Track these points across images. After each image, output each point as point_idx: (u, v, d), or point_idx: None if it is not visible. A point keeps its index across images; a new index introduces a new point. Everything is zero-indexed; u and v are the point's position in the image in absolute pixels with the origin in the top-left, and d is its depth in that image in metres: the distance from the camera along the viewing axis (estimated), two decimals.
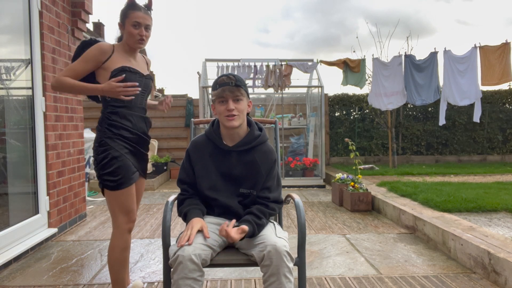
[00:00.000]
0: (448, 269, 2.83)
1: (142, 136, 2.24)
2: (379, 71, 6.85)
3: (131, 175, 2.14)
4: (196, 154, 1.90)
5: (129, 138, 2.17)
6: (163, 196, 6.00)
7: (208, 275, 2.73)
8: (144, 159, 2.30)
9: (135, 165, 2.20)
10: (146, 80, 2.28)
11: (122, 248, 2.19)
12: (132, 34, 2.14)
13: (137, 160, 2.23)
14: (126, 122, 2.16)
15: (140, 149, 2.24)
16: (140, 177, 2.32)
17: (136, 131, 2.20)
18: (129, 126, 2.17)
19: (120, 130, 2.14)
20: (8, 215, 3.21)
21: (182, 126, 8.33)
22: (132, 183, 2.15)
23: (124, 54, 2.21)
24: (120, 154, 2.11)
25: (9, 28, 3.29)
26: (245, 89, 1.84)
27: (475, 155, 8.79)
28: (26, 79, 3.44)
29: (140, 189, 2.37)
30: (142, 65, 2.32)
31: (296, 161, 6.92)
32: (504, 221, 3.66)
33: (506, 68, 5.98)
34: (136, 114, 2.21)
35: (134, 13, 2.13)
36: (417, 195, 4.52)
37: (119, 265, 2.21)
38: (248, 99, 1.87)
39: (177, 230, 3.91)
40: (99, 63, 2.14)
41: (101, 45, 2.16)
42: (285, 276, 1.61)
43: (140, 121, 2.24)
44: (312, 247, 3.37)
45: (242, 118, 1.83)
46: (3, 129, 3.17)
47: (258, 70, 6.80)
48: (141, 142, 2.25)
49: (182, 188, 1.91)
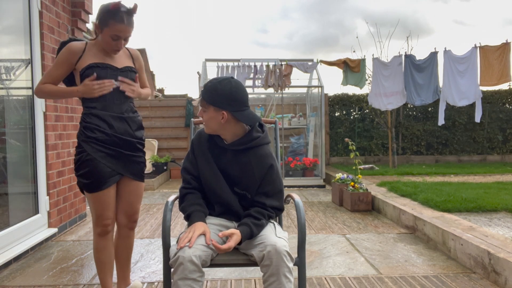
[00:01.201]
0: (448, 269, 2.83)
1: (124, 138, 2.09)
2: (379, 71, 6.85)
3: (104, 180, 2.04)
4: (199, 146, 1.91)
5: (104, 140, 2.04)
6: (163, 196, 6.00)
7: (208, 275, 2.73)
8: (132, 161, 2.15)
9: (115, 168, 2.08)
10: (122, 74, 2.10)
11: (95, 249, 2.18)
12: (109, 44, 2.03)
13: (120, 163, 2.11)
14: (102, 123, 2.04)
15: (123, 151, 2.10)
16: (130, 180, 2.18)
17: (113, 132, 2.06)
18: (105, 128, 2.04)
19: (95, 132, 2.03)
20: (8, 215, 3.21)
21: (182, 126, 8.33)
22: (105, 188, 2.06)
23: (97, 52, 2.08)
24: (92, 158, 2.02)
25: (9, 28, 3.29)
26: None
27: (475, 155, 8.79)
28: (26, 79, 3.44)
29: (134, 192, 2.22)
30: (120, 60, 2.14)
31: (296, 161, 6.92)
32: (504, 221, 3.66)
33: (505, 69, 5.98)
34: (113, 115, 2.06)
35: (116, 25, 1.97)
36: (417, 195, 4.52)
37: (97, 265, 2.21)
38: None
39: (177, 230, 3.91)
40: (71, 65, 2.05)
41: (70, 46, 2.06)
42: (285, 276, 1.61)
43: (119, 122, 2.08)
44: (312, 247, 3.37)
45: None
46: (3, 129, 3.17)
47: (258, 70, 6.80)
48: (124, 144, 2.10)
49: (186, 179, 1.90)
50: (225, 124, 1.79)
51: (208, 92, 1.78)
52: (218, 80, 1.78)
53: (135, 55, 2.26)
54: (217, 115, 1.78)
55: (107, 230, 2.15)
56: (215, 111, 1.77)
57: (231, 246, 1.64)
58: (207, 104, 1.78)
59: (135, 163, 2.17)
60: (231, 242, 1.64)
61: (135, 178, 2.19)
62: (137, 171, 2.19)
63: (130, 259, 2.38)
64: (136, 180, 2.20)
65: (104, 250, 2.18)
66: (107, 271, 2.21)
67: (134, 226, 2.31)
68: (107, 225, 2.13)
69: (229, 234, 1.67)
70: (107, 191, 2.08)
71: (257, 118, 1.85)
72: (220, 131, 1.83)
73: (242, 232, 1.68)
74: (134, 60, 2.24)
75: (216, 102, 1.76)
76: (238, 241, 1.67)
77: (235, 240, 1.65)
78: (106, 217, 2.12)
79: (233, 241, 1.65)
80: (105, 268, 2.20)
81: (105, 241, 2.17)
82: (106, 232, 2.16)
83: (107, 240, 2.18)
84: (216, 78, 1.81)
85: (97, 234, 2.16)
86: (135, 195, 2.23)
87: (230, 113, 1.77)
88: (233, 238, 1.66)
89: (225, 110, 1.76)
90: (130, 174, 2.16)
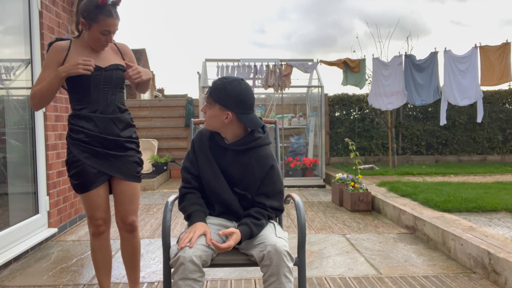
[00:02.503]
0: (448, 269, 2.83)
1: (109, 138, 2.04)
2: (379, 71, 6.85)
3: (91, 181, 2.02)
4: (200, 145, 1.90)
5: (89, 142, 2.01)
6: (163, 196, 6.00)
7: (208, 275, 2.73)
8: (121, 161, 2.09)
9: (101, 169, 2.04)
10: (106, 73, 2.03)
11: (91, 249, 2.19)
12: (99, 40, 1.98)
13: (107, 163, 2.06)
14: (87, 124, 2.01)
15: (109, 151, 2.05)
16: (121, 180, 2.11)
17: (98, 133, 2.02)
18: (90, 129, 2.01)
19: (79, 134, 2.01)
20: (8, 215, 3.21)
21: (182, 126, 8.33)
22: (92, 189, 2.04)
23: (81, 49, 2.03)
24: (78, 159, 2.01)
25: (9, 28, 3.29)
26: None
27: (475, 155, 8.79)
28: (26, 79, 3.44)
29: (125, 192, 2.13)
30: (106, 56, 2.08)
31: (296, 161, 6.92)
32: (504, 221, 3.66)
33: (506, 69, 5.97)
34: (100, 116, 2.02)
35: (106, 20, 1.92)
36: (417, 195, 4.52)
37: (94, 265, 2.22)
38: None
39: (177, 230, 3.91)
40: (59, 64, 1.99)
41: (55, 45, 2.02)
42: (285, 276, 1.61)
43: (107, 122, 2.03)
44: (312, 247, 3.37)
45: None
46: (3, 129, 3.17)
47: (258, 70, 6.80)
48: (110, 144, 2.05)
49: (186, 178, 1.89)
50: (228, 124, 1.80)
51: (217, 90, 1.77)
52: (228, 80, 1.78)
53: (123, 49, 2.18)
54: (221, 114, 1.78)
55: (99, 230, 2.13)
56: (220, 110, 1.77)
57: (230, 245, 1.64)
58: (214, 102, 1.78)
59: (124, 163, 2.10)
60: (231, 241, 1.64)
61: (125, 178, 2.10)
62: (126, 171, 2.10)
63: (136, 262, 2.28)
64: (126, 180, 2.11)
65: (99, 250, 2.17)
66: (103, 271, 2.21)
67: (131, 230, 2.19)
68: (98, 225, 2.12)
69: (229, 233, 1.67)
70: (95, 191, 2.05)
71: (260, 123, 1.85)
72: (221, 129, 1.83)
73: (242, 232, 1.68)
74: (123, 54, 2.16)
75: (223, 101, 1.76)
76: (238, 240, 1.67)
77: (234, 239, 1.65)
78: (97, 217, 2.10)
79: (232, 240, 1.65)
80: (101, 269, 2.20)
81: (99, 242, 2.16)
82: (99, 233, 2.14)
83: (101, 241, 2.16)
84: (226, 77, 1.80)
85: (91, 234, 2.16)
86: (126, 196, 2.13)
87: (235, 115, 1.77)
88: (233, 237, 1.65)
89: (230, 110, 1.76)
90: (120, 174, 2.09)
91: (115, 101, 2.09)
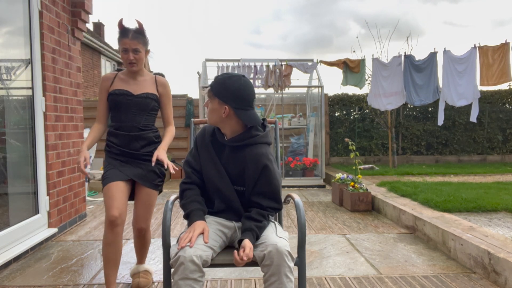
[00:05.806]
0: (448, 269, 2.83)
1: (132, 152, 2.39)
2: (379, 71, 6.85)
3: (113, 176, 2.33)
4: (202, 141, 1.93)
5: (117, 154, 2.40)
6: (163, 196, 6.00)
7: (208, 275, 2.73)
8: (140, 168, 2.40)
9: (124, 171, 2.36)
10: (137, 100, 2.38)
11: (103, 242, 2.28)
12: (123, 58, 2.35)
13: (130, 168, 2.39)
14: (115, 139, 2.40)
15: (134, 160, 2.40)
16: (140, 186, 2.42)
17: (122, 148, 2.39)
18: (116, 144, 2.40)
19: (111, 147, 2.42)
20: (8, 215, 3.21)
21: (182, 126, 8.33)
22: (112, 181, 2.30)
23: (123, 78, 2.42)
24: (108, 164, 2.40)
25: (9, 28, 3.29)
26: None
27: (475, 155, 8.79)
28: (26, 79, 3.44)
29: (141, 198, 2.43)
30: (142, 85, 2.42)
31: (296, 161, 6.93)
32: (504, 221, 3.66)
33: (505, 69, 5.98)
34: (123, 134, 2.38)
35: (122, 40, 2.31)
36: (417, 195, 4.53)
37: (103, 259, 2.30)
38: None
39: (177, 230, 3.91)
40: (107, 91, 2.41)
41: (104, 76, 2.45)
42: (286, 275, 1.61)
43: (129, 139, 2.38)
44: (312, 247, 3.37)
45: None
46: (3, 129, 3.17)
47: (258, 70, 6.80)
48: (131, 156, 2.40)
49: (187, 172, 1.93)
50: (226, 119, 1.82)
51: (217, 84, 1.82)
52: (229, 75, 1.82)
53: (160, 81, 2.49)
54: (219, 108, 1.81)
55: (114, 222, 2.22)
56: (218, 104, 1.81)
57: (250, 256, 1.63)
58: (213, 96, 1.82)
59: (142, 170, 2.41)
60: (249, 252, 1.63)
61: (143, 183, 2.40)
62: (144, 177, 2.40)
63: (145, 249, 2.62)
64: (143, 184, 2.40)
65: (112, 244, 2.24)
66: (111, 265, 2.27)
67: (137, 234, 2.52)
68: (113, 215, 2.21)
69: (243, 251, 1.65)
70: (116, 183, 2.29)
71: (259, 120, 1.86)
72: (220, 124, 1.85)
73: (251, 240, 1.69)
74: (158, 86, 2.47)
75: (221, 95, 1.80)
76: (251, 247, 1.66)
77: (250, 247, 1.65)
78: (112, 206, 2.23)
79: (248, 249, 1.64)
80: (110, 263, 2.27)
81: (113, 235, 2.24)
82: (114, 224, 2.22)
83: (114, 235, 2.24)
84: (227, 73, 1.85)
85: (106, 226, 2.24)
86: (141, 201, 2.43)
87: (232, 109, 1.80)
88: (247, 247, 1.64)
89: (228, 105, 1.79)
90: (138, 179, 2.38)
91: (140, 122, 2.41)
